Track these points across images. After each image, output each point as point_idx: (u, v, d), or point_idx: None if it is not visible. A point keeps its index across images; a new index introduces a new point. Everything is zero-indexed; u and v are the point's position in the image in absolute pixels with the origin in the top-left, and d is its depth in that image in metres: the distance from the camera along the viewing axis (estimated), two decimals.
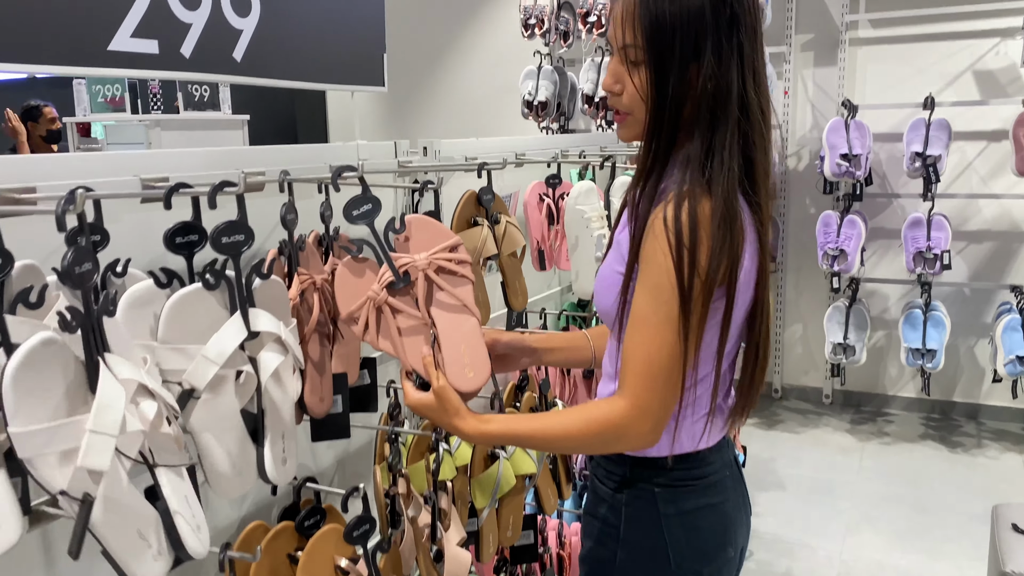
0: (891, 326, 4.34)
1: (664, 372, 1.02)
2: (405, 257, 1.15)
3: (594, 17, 4.10)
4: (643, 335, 1.03)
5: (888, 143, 4.18)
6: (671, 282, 1.00)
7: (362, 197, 1.14)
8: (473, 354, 1.18)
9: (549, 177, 2.20)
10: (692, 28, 1.01)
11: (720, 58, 1.02)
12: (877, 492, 3.44)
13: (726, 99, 1.03)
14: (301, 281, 1.24)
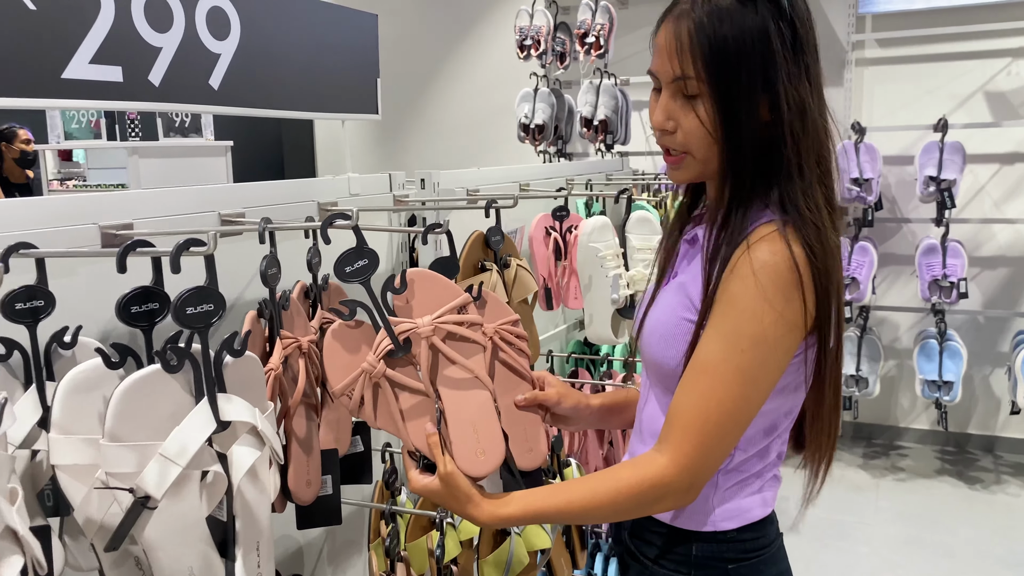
0: (903, 356, 4.18)
1: (719, 429, 0.94)
2: (406, 322, 0.97)
3: (592, 38, 3.96)
4: (705, 385, 0.94)
5: (897, 166, 4.04)
6: (754, 330, 0.91)
7: (356, 251, 0.97)
8: (485, 433, 1.01)
9: (556, 209, 2.04)
10: (757, 52, 0.92)
11: (791, 82, 0.93)
12: (897, 535, 3.27)
13: (804, 126, 0.95)
14: (285, 346, 1.06)
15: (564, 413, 1.20)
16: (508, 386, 1.21)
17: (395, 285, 0.98)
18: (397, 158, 5.40)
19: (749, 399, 0.94)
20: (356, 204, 1.66)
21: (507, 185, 2.12)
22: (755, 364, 0.93)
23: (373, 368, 0.94)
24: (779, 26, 0.92)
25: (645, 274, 1.73)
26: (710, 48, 0.92)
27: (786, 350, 0.94)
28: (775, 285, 0.91)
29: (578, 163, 3.09)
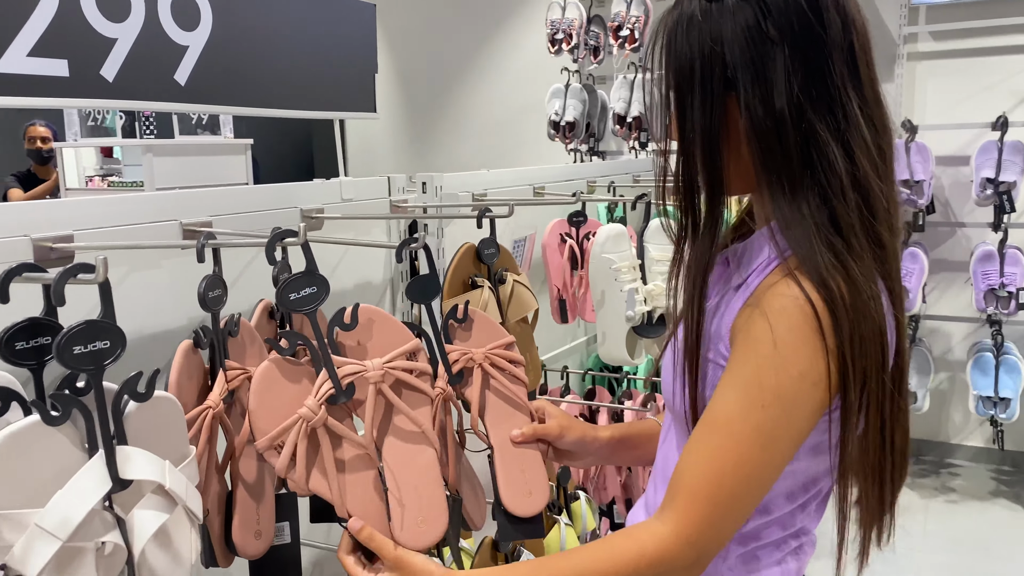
0: (955, 368, 3.93)
1: (731, 497, 0.80)
2: (353, 363, 0.83)
3: (626, 31, 3.78)
4: (718, 444, 0.80)
5: (952, 167, 3.79)
6: (777, 383, 0.78)
7: (306, 275, 0.83)
8: (427, 499, 0.87)
9: (572, 214, 1.88)
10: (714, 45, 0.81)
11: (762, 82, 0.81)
12: (947, 564, 3.04)
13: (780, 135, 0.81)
14: (230, 378, 0.93)
15: (568, 448, 1.09)
16: (501, 418, 1.07)
17: (344, 320, 0.83)
18: (428, 158, 5.28)
19: (769, 463, 0.80)
20: (347, 210, 1.53)
21: (520, 188, 1.97)
22: (777, 423, 0.79)
23: (313, 415, 0.80)
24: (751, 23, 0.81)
25: (664, 288, 1.57)
26: (668, 58, 0.85)
27: (813, 409, 0.80)
28: (792, 334, 0.78)
29: (604, 163, 2.93)
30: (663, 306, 1.58)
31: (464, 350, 0.97)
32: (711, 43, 0.82)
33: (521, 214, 2.02)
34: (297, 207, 1.38)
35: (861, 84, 0.83)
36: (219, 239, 0.92)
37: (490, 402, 0.99)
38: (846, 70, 0.82)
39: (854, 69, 0.83)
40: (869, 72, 0.84)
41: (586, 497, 1.52)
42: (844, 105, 0.82)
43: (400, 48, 5.40)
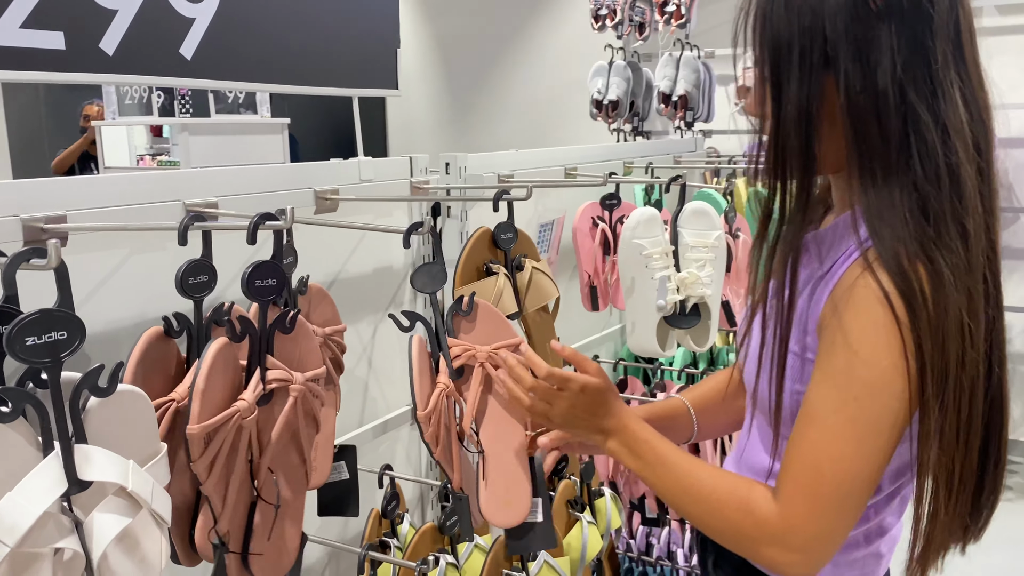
0: (1016, 360, 3.75)
1: (835, 490, 0.79)
2: (279, 370, 0.78)
3: (672, 7, 3.65)
4: (814, 437, 0.80)
5: (1016, 149, 3.59)
6: (868, 375, 0.77)
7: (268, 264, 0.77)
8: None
9: (605, 197, 1.80)
10: (813, 24, 0.78)
11: (865, 63, 0.78)
12: (999, 567, 2.90)
13: (880, 117, 0.78)
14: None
15: None
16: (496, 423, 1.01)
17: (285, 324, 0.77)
18: (469, 136, 5.21)
19: (868, 456, 0.79)
20: (366, 192, 1.47)
21: (551, 169, 1.89)
22: (871, 415, 0.78)
23: (246, 411, 0.74)
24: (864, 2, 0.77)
25: (699, 276, 1.48)
26: (762, 24, 0.82)
27: (906, 400, 0.78)
28: (876, 328, 0.76)
29: (643, 143, 2.83)
30: (697, 295, 1.50)
31: (467, 345, 0.91)
32: (812, 16, 0.79)
33: (550, 196, 1.94)
34: (311, 188, 1.32)
35: (966, 65, 0.81)
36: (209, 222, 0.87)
37: (488, 405, 0.93)
38: (951, 50, 0.80)
39: (959, 49, 0.80)
40: (974, 53, 0.82)
41: (611, 494, 1.45)
42: (947, 88, 0.79)
43: (442, 26, 5.32)
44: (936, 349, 0.76)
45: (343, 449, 1.16)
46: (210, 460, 0.73)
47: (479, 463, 0.92)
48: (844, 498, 0.80)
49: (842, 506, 0.80)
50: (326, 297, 1.12)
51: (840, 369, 0.79)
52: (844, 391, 0.79)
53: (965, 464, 0.82)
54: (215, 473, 0.73)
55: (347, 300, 1.43)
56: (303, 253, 1.35)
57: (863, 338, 0.78)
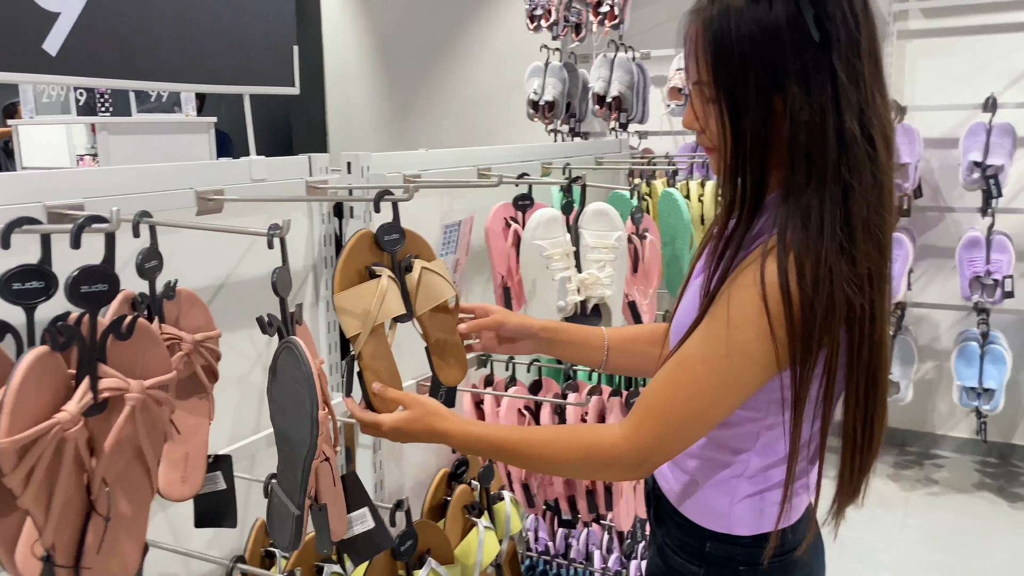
0: (942, 357, 3.83)
1: (680, 423, 0.95)
2: (113, 378, 0.74)
3: (606, 7, 3.66)
4: (679, 378, 0.95)
5: (941, 150, 3.67)
6: (738, 339, 0.90)
7: (96, 268, 0.73)
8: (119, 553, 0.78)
9: (517, 197, 1.78)
10: (764, 52, 0.87)
11: (807, 86, 0.87)
12: (923, 560, 2.96)
13: (820, 136, 0.88)
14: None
15: (511, 334, 1.27)
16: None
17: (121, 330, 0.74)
18: (409, 136, 5.17)
19: (718, 403, 0.94)
20: (258, 192, 1.43)
21: (462, 170, 1.87)
22: (732, 372, 0.92)
23: (69, 423, 0.70)
24: (797, 23, 0.86)
25: (599, 277, 1.48)
26: (715, 52, 0.90)
27: (765, 367, 0.91)
28: (753, 305, 0.89)
29: (565, 144, 2.82)
30: (598, 296, 1.49)
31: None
32: (762, 42, 0.87)
33: (464, 197, 1.92)
34: (192, 188, 1.29)
35: (881, 81, 0.91)
36: (38, 225, 0.83)
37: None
38: (872, 68, 0.89)
39: (876, 67, 0.90)
40: (882, 69, 0.92)
41: (511, 497, 1.44)
42: (871, 104, 0.89)
43: (382, 25, 5.28)
44: (803, 337, 0.88)
45: (219, 459, 1.13)
46: (25, 474, 0.69)
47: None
48: (685, 430, 0.95)
49: (681, 435, 0.95)
50: (197, 302, 1.09)
51: (716, 329, 0.92)
52: (715, 347, 0.92)
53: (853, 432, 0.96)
54: (32, 487, 0.70)
55: (240, 305, 1.40)
56: (188, 257, 1.31)
57: (738, 309, 0.90)
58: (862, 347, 0.92)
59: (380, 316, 1.14)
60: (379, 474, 1.64)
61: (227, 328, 1.23)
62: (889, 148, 0.92)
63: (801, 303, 0.87)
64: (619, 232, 1.51)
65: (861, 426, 0.97)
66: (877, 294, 0.91)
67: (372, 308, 1.13)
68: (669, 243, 1.98)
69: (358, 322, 1.14)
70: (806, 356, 0.89)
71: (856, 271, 0.88)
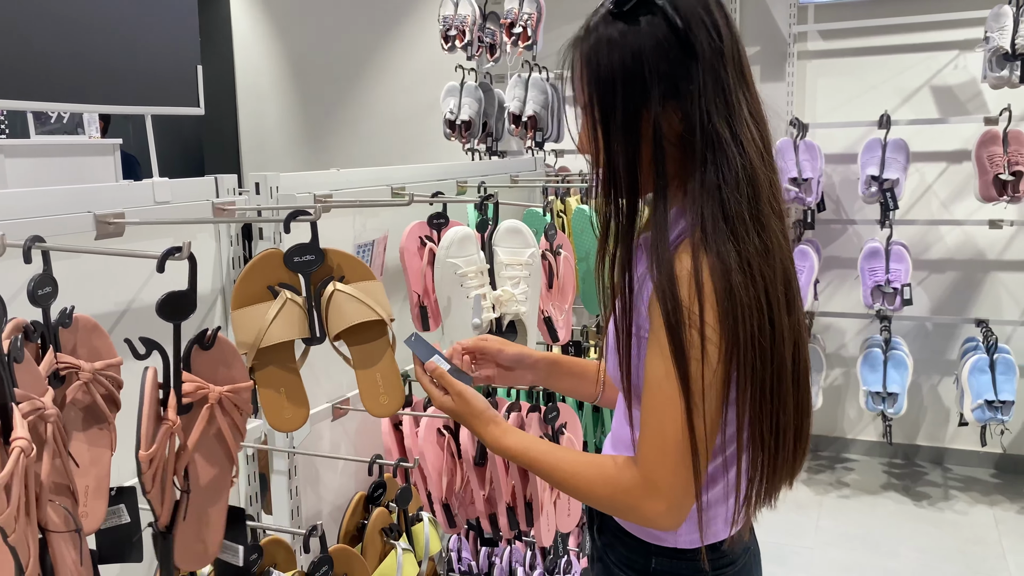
0: (849, 364, 3.98)
1: (679, 449, 0.93)
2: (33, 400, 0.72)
3: (519, 28, 3.71)
4: (655, 404, 0.95)
5: (841, 165, 3.84)
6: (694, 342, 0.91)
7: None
8: None
9: (432, 216, 1.78)
10: (636, 73, 0.93)
11: (678, 97, 0.93)
12: (837, 561, 3.06)
13: (690, 141, 0.94)
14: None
15: (509, 363, 1.25)
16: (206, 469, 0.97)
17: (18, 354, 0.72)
18: (325, 156, 5.12)
19: (700, 410, 0.92)
20: (160, 215, 1.39)
21: (376, 189, 1.86)
22: (696, 375, 0.92)
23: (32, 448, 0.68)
24: (663, 43, 0.92)
25: (514, 294, 1.49)
26: (589, 76, 0.96)
27: (717, 362, 0.92)
28: (690, 299, 0.91)
29: (480, 163, 2.84)
30: (512, 312, 1.50)
31: (201, 383, 0.87)
32: (632, 61, 0.93)
33: (378, 216, 1.91)
34: (91, 211, 1.24)
35: (747, 86, 0.97)
36: None
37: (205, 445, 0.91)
38: (736, 74, 0.96)
39: (741, 74, 0.96)
40: (750, 75, 0.98)
41: (429, 518, 1.43)
42: (737, 107, 0.95)
43: (294, 44, 5.22)
44: (728, 325, 0.91)
45: (121, 491, 1.09)
46: None
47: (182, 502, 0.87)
48: (687, 450, 0.93)
49: (686, 457, 0.93)
50: (96, 329, 1.05)
51: (662, 344, 0.93)
52: (669, 360, 0.92)
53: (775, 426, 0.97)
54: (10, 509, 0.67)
55: (143, 331, 1.35)
56: (88, 283, 1.26)
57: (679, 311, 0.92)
58: (757, 342, 0.93)
59: (274, 336, 1.12)
60: (295, 500, 1.60)
61: (129, 356, 1.19)
62: (762, 150, 0.97)
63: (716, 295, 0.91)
64: (532, 249, 1.53)
65: (769, 430, 0.97)
66: (772, 289, 0.94)
67: (262, 327, 1.10)
68: (584, 259, 2.01)
69: (249, 340, 1.12)
70: (732, 348, 0.91)
71: (742, 262, 0.92)
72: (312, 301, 1.21)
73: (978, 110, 3.63)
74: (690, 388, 0.92)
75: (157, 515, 0.88)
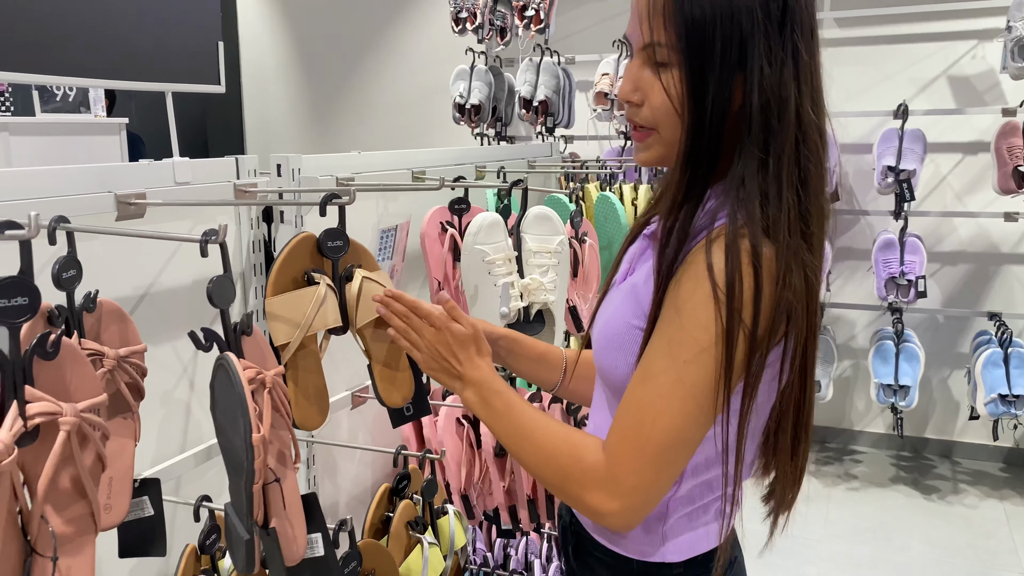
0: (859, 355, 3.95)
1: (657, 446, 0.85)
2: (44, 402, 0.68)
3: (531, 11, 3.65)
4: (642, 395, 0.86)
5: (856, 155, 3.79)
6: (699, 338, 0.82)
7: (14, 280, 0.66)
8: None
9: (453, 201, 1.74)
10: (737, 24, 0.81)
11: (772, 64, 0.82)
12: (847, 553, 3.04)
13: (781, 116, 0.83)
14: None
15: None
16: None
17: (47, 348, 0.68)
18: (330, 139, 5.06)
19: (689, 415, 0.84)
20: (181, 196, 1.35)
21: (397, 173, 1.82)
22: (698, 378, 0.83)
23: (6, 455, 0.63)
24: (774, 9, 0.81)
25: (542, 282, 1.45)
26: (684, 12, 0.82)
27: (739, 367, 0.83)
28: (730, 292, 0.80)
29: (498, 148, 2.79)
30: (541, 301, 1.46)
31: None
32: (730, 12, 0.81)
33: (397, 201, 1.87)
34: (112, 191, 1.20)
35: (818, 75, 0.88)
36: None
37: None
38: (818, 60, 0.87)
39: (816, 61, 0.87)
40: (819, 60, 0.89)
41: (455, 511, 1.39)
42: (820, 95, 0.86)
43: (301, 26, 5.15)
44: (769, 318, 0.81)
45: (145, 483, 1.05)
46: None
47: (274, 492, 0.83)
48: (664, 453, 0.85)
49: (661, 460, 0.85)
50: (120, 314, 1.01)
51: (673, 335, 0.84)
52: (675, 355, 0.84)
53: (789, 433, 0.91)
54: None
55: (163, 316, 1.31)
56: (106, 266, 1.22)
57: (694, 308, 0.82)
58: (809, 341, 0.85)
59: (315, 326, 1.08)
60: (313, 490, 1.57)
61: (150, 341, 1.15)
62: (825, 140, 0.89)
63: (755, 291, 0.81)
64: (561, 236, 1.48)
65: (795, 429, 0.91)
66: (816, 281, 0.86)
67: (307, 316, 1.06)
68: (606, 247, 1.97)
69: (289, 330, 1.08)
70: (756, 349, 0.82)
71: (814, 258, 0.84)
72: (339, 289, 1.17)
73: (996, 101, 3.58)
74: (692, 391, 0.83)
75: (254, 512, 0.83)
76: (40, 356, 0.69)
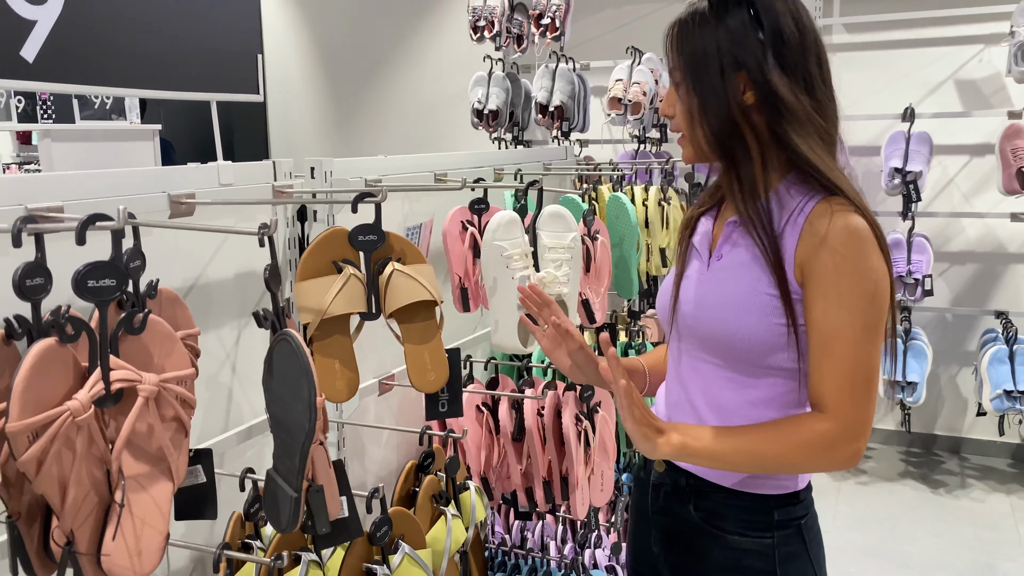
0: None
1: (866, 386, 1.02)
2: (124, 371, 0.79)
3: (547, 20, 3.76)
4: (839, 352, 1.02)
5: (865, 157, 3.88)
6: (866, 287, 1.01)
7: (107, 265, 0.78)
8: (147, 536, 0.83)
9: (473, 202, 1.85)
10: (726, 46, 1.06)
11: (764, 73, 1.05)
12: (855, 544, 3.12)
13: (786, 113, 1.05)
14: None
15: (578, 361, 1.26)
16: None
17: (134, 325, 0.79)
18: (352, 144, 5.19)
19: (878, 348, 1.03)
20: (225, 196, 1.47)
21: (420, 175, 1.94)
22: (876, 317, 1.02)
23: (81, 410, 0.75)
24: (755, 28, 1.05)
25: (557, 276, 1.56)
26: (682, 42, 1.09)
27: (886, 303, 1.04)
28: (870, 246, 1.01)
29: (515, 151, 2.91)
30: (555, 293, 1.57)
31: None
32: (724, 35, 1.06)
33: (421, 201, 1.99)
34: (165, 192, 1.32)
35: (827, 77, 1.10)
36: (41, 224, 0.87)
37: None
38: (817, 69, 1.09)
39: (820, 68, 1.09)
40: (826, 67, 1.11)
41: (476, 487, 1.50)
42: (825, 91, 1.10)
43: (324, 33, 5.29)
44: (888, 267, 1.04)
45: (199, 453, 1.17)
46: (36, 459, 0.73)
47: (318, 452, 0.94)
48: (869, 385, 1.03)
49: (872, 391, 1.03)
50: (177, 301, 1.13)
51: (845, 291, 1.01)
52: (853, 307, 1.01)
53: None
54: (45, 473, 0.74)
55: (208, 305, 1.43)
56: (159, 259, 1.34)
57: (857, 261, 1.01)
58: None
59: (334, 309, 1.19)
60: None
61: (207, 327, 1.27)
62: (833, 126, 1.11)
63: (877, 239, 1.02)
64: (574, 233, 1.59)
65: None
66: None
67: (326, 300, 1.18)
68: (617, 245, 2.07)
69: (313, 310, 1.20)
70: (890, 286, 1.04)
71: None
72: (370, 279, 1.28)
73: (1002, 104, 3.66)
74: (876, 331, 1.02)
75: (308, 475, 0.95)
76: (127, 331, 0.81)
